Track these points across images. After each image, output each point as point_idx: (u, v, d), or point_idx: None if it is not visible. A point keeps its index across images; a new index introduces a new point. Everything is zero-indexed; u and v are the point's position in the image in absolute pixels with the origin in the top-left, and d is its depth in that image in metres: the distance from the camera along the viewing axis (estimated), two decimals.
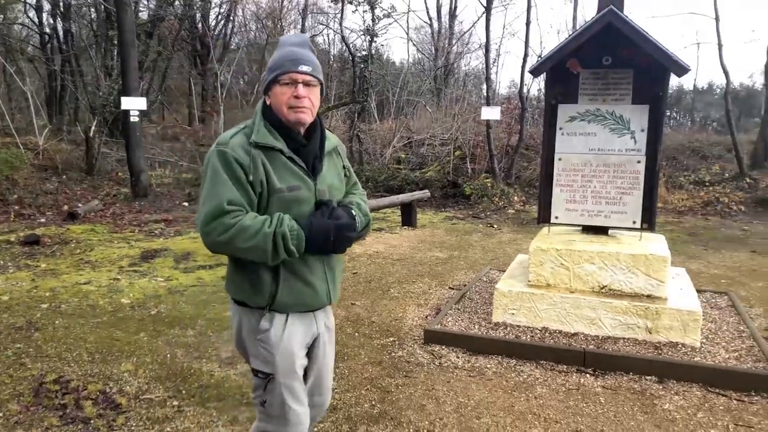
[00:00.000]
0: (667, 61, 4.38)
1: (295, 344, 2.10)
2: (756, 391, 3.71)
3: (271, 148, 1.98)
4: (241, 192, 1.93)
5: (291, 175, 2.00)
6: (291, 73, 1.97)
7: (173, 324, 4.85)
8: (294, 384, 2.11)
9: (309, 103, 2.00)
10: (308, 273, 2.08)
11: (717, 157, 16.26)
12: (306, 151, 2.06)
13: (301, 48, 2.03)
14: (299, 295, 2.07)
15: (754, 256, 7.92)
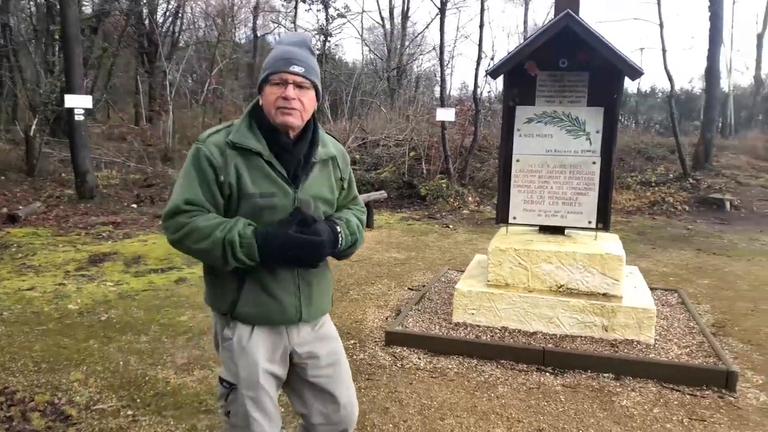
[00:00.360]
0: (621, 65, 4.47)
1: (260, 357, 1.98)
2: (707, 385, 3.82)
3: (248, 150, 1.88)
4: (205, 192, 1.87)
5: (266, 180, 1.89)
6: (281, 72, 1.86)
7: (125, 330, 4.67)
8: (259, 395, 2.00)
9: (299, 105, 1.87)
10: (274, 285, 1.95)
11: (661, 158, 16.81)
12: (289, 156, 1.92)
13: (297, 47, 1.92)
14: (262, 307, 1.96)
15: (699, 254, 8.21)
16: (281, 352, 2.04)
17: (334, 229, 1.94)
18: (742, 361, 4.26)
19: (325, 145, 2.04)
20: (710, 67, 15.23)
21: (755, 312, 5.47)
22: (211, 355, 4.20)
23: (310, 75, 1.89)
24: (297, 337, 2.06)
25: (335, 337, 2.20)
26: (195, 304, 5.32)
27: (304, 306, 2.01)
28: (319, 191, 1.98)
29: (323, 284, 2.10)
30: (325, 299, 2.12)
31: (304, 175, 1.95)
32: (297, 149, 1.94)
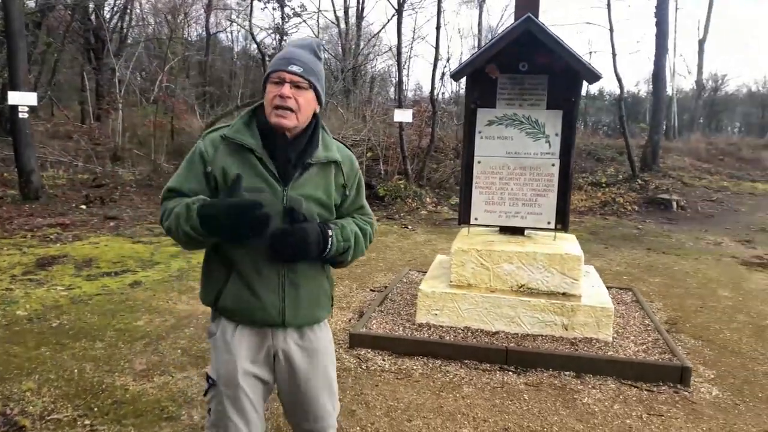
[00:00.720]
0: (581, 69, 4.57)
1: (239, 357, 1.96)
2: (663, 381, 3.95)
3: (241, 146, 1.89)
4: (190, 182, 1.92)
5: (256, 175, 1.88)
6: (280, 71, 1.87)
7: (78, 336, 4.51)
8: (238, 395, 1.96)
9: (294, 104, 1.86)
10: (258, 283, 1.92)
11: (610, 160, 17.30)
12: (283, 154, 1.91)
13: (301, 50, 1.93)
14: (243, 304, 1.93)
15: (650, 253, 8.48)
16: (264, 354, 2.00)
17: (325, 232, 1.90)
18: (694, 357, 4.42)
19: (328, 148, 2.01)
20: (657, 71, 15.76)
21: (704, 309, 5.68)
22: (171, 360, 4.10)
23: (308, 75, 1.88)
24: (282, 341, 2.00)
25: (323, 351, 2.10)
26: (152, 308, 5.18)
27: (289, 309, 1.95)
28: (312, 192, 1.94)
29: (315, 290, 2.02)
30: (315, 307, 2.03)
31: (297, 174, 1.92)
32: (292, 148, 1.92)
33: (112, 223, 9.22)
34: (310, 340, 2.05)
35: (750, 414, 3.58)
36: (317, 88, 1.93)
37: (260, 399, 2.04)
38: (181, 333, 4.62)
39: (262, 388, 2.04)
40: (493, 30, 27.79)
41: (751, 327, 5.19)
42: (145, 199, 11.57)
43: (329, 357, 2.13)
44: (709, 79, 34.91)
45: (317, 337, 2.08)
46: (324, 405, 2.10)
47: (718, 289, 6.49)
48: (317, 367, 2.06)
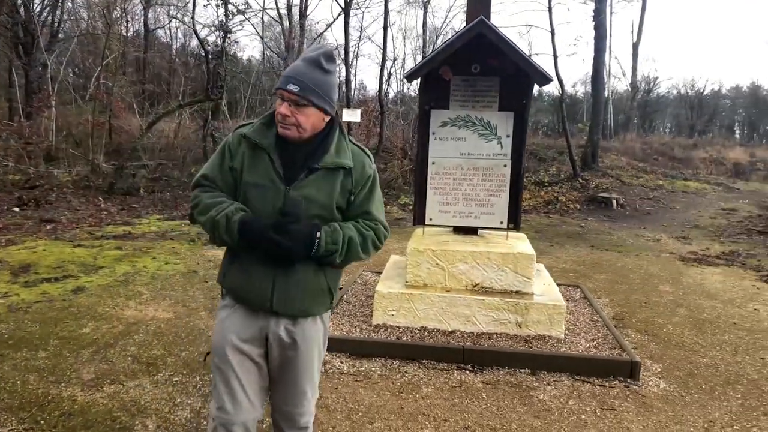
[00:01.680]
0: (532, 71, 4.66)
1: (230, 331, 2.15)
2: (614, 376, 4.07)
3: (256, 144, 2.07)
4: (219, 172, 2.13)
5: (264, 173, 2.06)
6: (280, 90, 2.00)
7: (19, 346, 4.29)
8: (225, 368, 2.15)
9: (293, 120, 1.99)
10: (253, 268, 2.09)
11: (552, 160, 17.78)
12: (291, 157, 2.07)
13: (306, 63, 2.01)
14: (240, 284, 2.14)
15: (593, 250, 8.75)
16: (256, 332, 2.15)
17: (313, 234, 2.00)
18: (641, 351, 4.58)
19: (340, 154, 2.11)
20: (596, 73, 16.29)
21: (648, 304, 5.90)
22: (122, 368, 3.96)
23: (306, 93, 1.97)
24: (274, 325, 2.14)
25: (311, 344, 2.21)
26: (97, 315, 4.98)
27: (277, 296, 2.08)
28: (313, 194, 2.05)
29: (307, 283, 2.12)
30: (306, 299, 2.13)
31: (302, 176, 2.05)
32: (300, 151, 2.07)
33: (49, 227, 8.81)
34: (302, 330, 2.17)
35: (695, 405, 3.73)
36: (318, 105, 2.01)
37: (252, 382, 2.19)
38: (131, 340, 4.47)
39: (253, 369, 2.19)
40: (437, 31, 28.06)
41: (691, 321, 5.42)
42: (83, 201, 11.12)
43: (317, 351, 2.25)
44: (642, 81, 36.32)
45: (309, 329, 2.19)
46: (303, 392, 2.24)
47: (660, 284, 6.75)
48: (303, 357, 2.19)
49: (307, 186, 2.05)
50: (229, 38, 13.98)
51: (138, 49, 25.08)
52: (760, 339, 5.00)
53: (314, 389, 2.30)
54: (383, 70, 13.70)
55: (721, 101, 45.48)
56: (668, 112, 44.76)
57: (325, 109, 2.04)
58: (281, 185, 2.04)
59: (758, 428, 3.47)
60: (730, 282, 7.00)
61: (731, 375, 4.24)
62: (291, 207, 2.00)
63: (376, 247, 2.19)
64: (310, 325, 2.19)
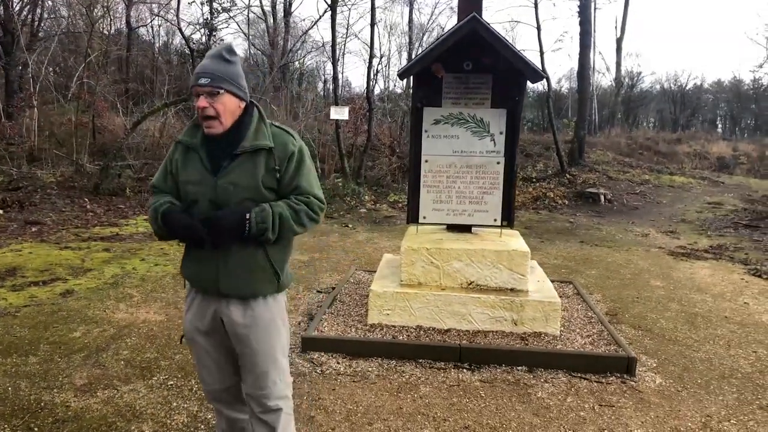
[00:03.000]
0: (524, 68, 4.65)
1: (191, 314, 2.39)
2: (611, 372, 4.08)
3: (187, 146, 2.28)
4: (164, 180, 2.36)
5: (194, 169, 2.25)
6: (194, 87, 2.17)
7: (8, 352, 4.21)
8: (195, 347, 2.42)
9: (212, 111, 2.16)
10: (199, 253, 2.27)
11: (538, 155, 17.85)
12: (216, 149, 2.23)
13: (210, 59, 2.20)
14: (189, 269, 2.34)
15: (583, 246, 8.78)
16: (211, 317, 2.34)
17: (242, 215, 2.15)
18: (636, 347, 4.59)
19: (258, 137, 2.24)
20: (581, 69, 16.34)
21: (640, 299, 5.93)
22: (115, 373, 3.90)
23: (217, 83, 2.15)
24: (225, 307, 2.30)
25: (264, 326, 2.32)
26: (88, 319, 4.91)
27: (222, 277, 2.24)
28: (238, 180, 2.20)
29: (249, 263, 2.26)
30: (250, 278, 2.27)
31: (225, 165, 2.21)
32: (222, 143, 2.22)
33: (34, 229, 8.68)
34: (252, 312, 2.30)
35: (692, 400, 3.75)
36: (231, 90, 2.19)
37: (222, 355, 2.42)
38: (123, 343, 4.40)
39: (220, 346, 2.40)
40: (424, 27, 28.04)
41: (683, 315, 5.46)
42: (68, 202, 10.97)
43: (273, 333, 2.35)
44: (626, 76, 36.57)
45: (259, 310, 2.31)
46: (264, 372, 2.35)
47: (651, 279, 6.79)
48: (257, 340, 2.31)
49: (231, 173, 2.19)
50: (215, 36, 13.83)
51: (120, 48, 24.77)
52: (751, 332, 5.04)
53: (279, 371, 2.39)
54: (371, 67, 13.63)
55: (704, 96, 45.89)
56: (652, 107, 45.08)
57: (237, 95, 2.21)
58: (210, 177, 2.20)
59: (755, 422, 3.50)
60: (720, 276, 7.06)
61: (725, 369, 4.27)
62: (227, 196, 2.19)
63: (312, 219, 2.29)
64: (261, 306, 2.31)
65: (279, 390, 2.39)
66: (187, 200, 2.27)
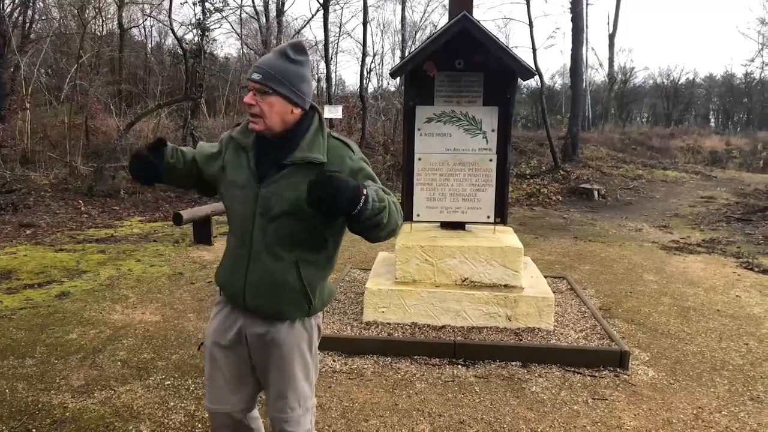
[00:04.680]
0: (515, 66, 4.68)
1: (216, 328, 2.20)
2: (604, 366, 4.13)
3: (239, 144, 2.11)
4: (200, 151, 2.23)
5: (241, 172, 2.07)
6: (248, 81, 1.99)
7: (5, 354, 4.22)
8: (210, 360, 2.20)
9: (258, 110, 1.95)
10: (232, 262, 2.13)
11: (532, 152, 17.91)
12: (264, 155, 2.05)
13: (273, 55, 1.99)
14: (222, 278, 2.18)
15: (577, 241, 8.83)
16: (236, 333, 2.16)
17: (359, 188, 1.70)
18: (629, 341, 4.64)
19: (312, 149, 1.99)
20: (574, 65, 16.41)
21: (633, 294, 5.98)
22: (112, 373, 3.92)
23: (267, 81, 1.93)
24: (250, 325, 2.14)
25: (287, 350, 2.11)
26: (84, 320, 4.92)
27: (249, 292, 2.07)
28: (283, 192, 1.99)
29: (276, 281, 2.04)
30: (275, 298, 2.05)
31: (273, 174, 2.01)
32: (273, 148, 2.03)
33: (28, 231, 8.68)
34: (277, 331, 2.11)
35: (684, 392, 3.80)
36: (281, 92, 1.95)
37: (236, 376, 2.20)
38: (119, 344, 4.42)
39: (238, 364, 2.19)
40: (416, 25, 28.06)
41: (676, 309, 5.51)
42: (62, 204, 10.97)
43: (297, 357, 2.14)
44: (619, 71, 36.67)
45: (285, 332, 2.11)
46: (283, 397, 2.15)
47: (644, 273, 6.85)
48: (279, 362, 2.13)
49: (277, 183, 1.99)
50: (207, 36, 13.83)
51: (113, 49, 24.71)
52: (743, 325, 5.10)
53: (300, 399, 2.16)
54: (364, 66, 13.66)
55: (696, 90, 46.08)
56: (645, 102, 45.25)
57: (289, 98, 1.96)
58: (254, 184, 2.02)
59: (746, 413, 3.54)
60: (712, 269, 7.11)
61: (717, 361, 4.32)
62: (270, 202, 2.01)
63: (400, 214, 1.92)
64: (286, 330, 2.11)
65: (297, 417, 2.17)
66: (231, 205, 2.09)
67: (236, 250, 2.10)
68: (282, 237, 2.01)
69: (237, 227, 2.10)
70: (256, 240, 2.03)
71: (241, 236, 2.07)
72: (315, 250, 2.07)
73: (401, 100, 16.01)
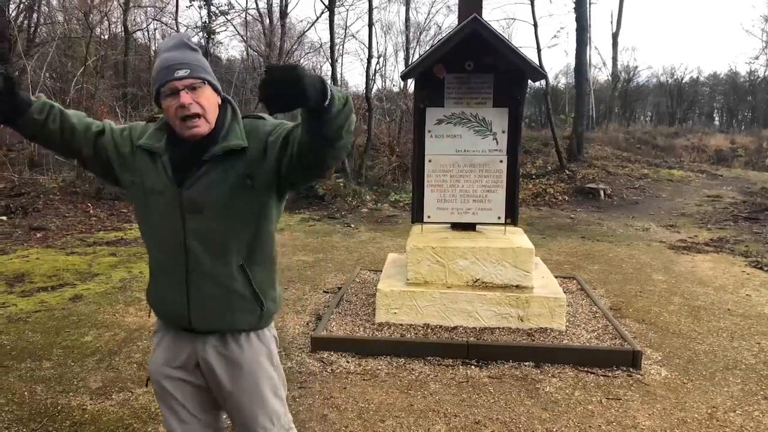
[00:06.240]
0: (525, 67, 4.71)
1: (161, 360, 1.95)
2: (617, 366, 4.14)
3: (148, 151, 1.86)
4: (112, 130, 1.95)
5: (159, 181, 1.82)
6: (169, 82, 1.72)
7: (22, 357, 4.27)
8: (164, 396, 1.97)
9: (198, 108, 1.73)
10: (161, 280, 1.92)
11: (537, 152, 17.90)
12: (178, 154, 1.81)
13: (176, 50, 1.77)
14: (155, 303, 1.96)
15: (585, 241, 8.84)
16: (186, 358, 1.93)
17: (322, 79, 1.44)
18: (641, 340, 4.65)
19: (230, 137, 1.80)
20: (579, 65, 16.40)
21: (643, 293, 5.99)
22: (128, 375, 3.96)
23: (198, 73, 1.75)
24: (201, 349, 1.91)
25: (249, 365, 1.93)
26: (98, 323, 4.96)
27: (194, 312, 1.85)
28: (210, 190, 1.78)
29: (223, 291, 1.85)
30: (228, 312, 1.87)
31: (194, 173, 1.80)
32: (189, 149, 1.80)
33: (39, 234, 8.73)
34: (232, 350, 1.91)
35: (698, 392, 3.81)
36: (211, 81, 1.79)
37: (197, 403, 1.98)
38: (134, 346, 4.46)
39: (194, 392, 1.97)
40: (420, 26, 28.08)
41: (686, 308, 5.52)
42: (71, 207, 11.02)
43: (260, 373, 1.95)
44: (622, 70, 36.63)
45: (242, 349, 1.92)
46: (253, 419, 1.95)
47: (653, 273, 6.85)
48: (242, 382, 1.92)
49: (199, 181, 1.79)
50: (213, 39, 13.87)
51: (118, 52, 24.81)
52: (754, 324, 5.11)
53: (272, 417, 1.97)
54: (369, 67, 13.69)
55: (700, 89, 45.96)
56: (649, 101, 45.18)
57: (215, 87, 1.80)
58: (173, 189, 1.80)
59: (760, 412, 3.56)
60: (721, 268, 7.12)
61: (729, 361, 4.33)
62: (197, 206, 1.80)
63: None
64: (244, 344, 1.91)
65: None
66: (151, 215, 1.87)
67: (168, 266, 1.86)
68: (220, 240, 1.81)
69: (164, 240, 1.86)
70: (191, 250, 1.80)
71: (170, 249, 1.83)
72: (258, 247, 1.88)
73: (406, 101, 16.05)
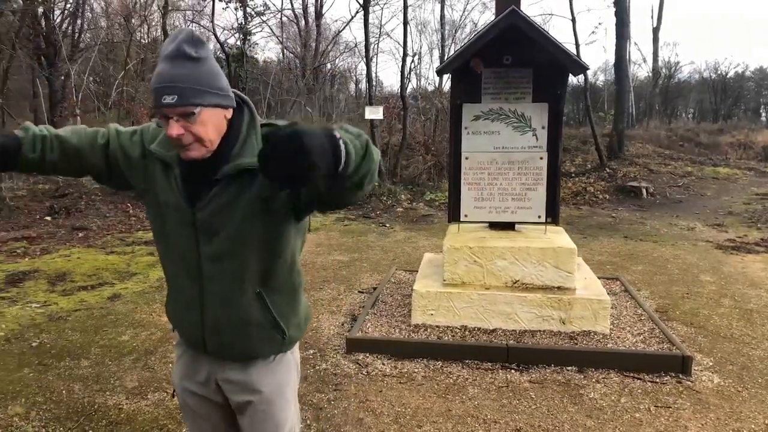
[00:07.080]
0: (566, 60, 4.55)
1: (182, 375, 1.86)
2: (665, 371, 3.95)
3: (161, 160, 1.66)
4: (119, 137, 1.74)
5: (171, 194, 1.65)
6: (158, 108, 1.49)
7: (62, 355, 4.30)
8: (185, 409, 1.90)
9: (191, 137, 1.50)
10: (176, 295, 1.79)
11: (576, 150, 17.52)
12: (191, 168, 1.61)
13: (170, 63, 1.48)
14: (173, 317, 1.85)
15: (627, 241, 8.57)
16: (204, 376, 1.81)
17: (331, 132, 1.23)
18: (690, 345, 4.44)
19: (244, 153, 1.58)
20: (618, 60, 15.98)
21: (690, 295, 5.74)
22: (164, 375, 3.94)
23: (189, 98, 1.47)
24: (220, 370, 1.79)
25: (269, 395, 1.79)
26: (135, 322, 4.98)
27: (209, 338, 1.72)
28: (223, 212, 1.60)
29: (245, 323, 1.70)
30: (246, 341, 1.72)
31: (205, 194, 1.61)
32: (202, 164, 1.58)
33: (80, 234, 8.89)
34: (252, 376, 1.77)
35: (754, 401, 3.60)
36: (210, 103, 1.51)
37: (218, 416, 1.88)
38: (170, 346, 4.45)
39: (214, 407, 1.86)
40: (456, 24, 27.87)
41: (738, 311, 5.27)
42: (112, 208, 11.21)
43: (280, 402, 1.81)
44: (663, 66, 35.66)
45: (261, 375, 1.78)
46: None
47: (700, 274, 6.58)
48: (260, 407, 1.79)
49: (212, 202, 1.60)
50: (249, 40, 13.96)
51: (157, 56, 25.25)
52: None
53: None
54: (404, 66, 13.58)
55: (746, 84, 44.43)
56: (691, 98, 43.90)
57: (219, 104, 1.53)
58: (186, 209, 1.62)
59: None
60: None
61: None
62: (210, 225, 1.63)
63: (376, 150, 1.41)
64: (262, 370, 1.78)
65: None
66: (164, 227, 1.70)
67: (180, 282, 1.74)
68: (234, 266, 1.64)
69: (177, 255, 1.71)
70: (206, 274, 1.66)
71: (184, 267, 1.69)
72: (276, 274, 1.70)
73: (441, 99, 15.89)
